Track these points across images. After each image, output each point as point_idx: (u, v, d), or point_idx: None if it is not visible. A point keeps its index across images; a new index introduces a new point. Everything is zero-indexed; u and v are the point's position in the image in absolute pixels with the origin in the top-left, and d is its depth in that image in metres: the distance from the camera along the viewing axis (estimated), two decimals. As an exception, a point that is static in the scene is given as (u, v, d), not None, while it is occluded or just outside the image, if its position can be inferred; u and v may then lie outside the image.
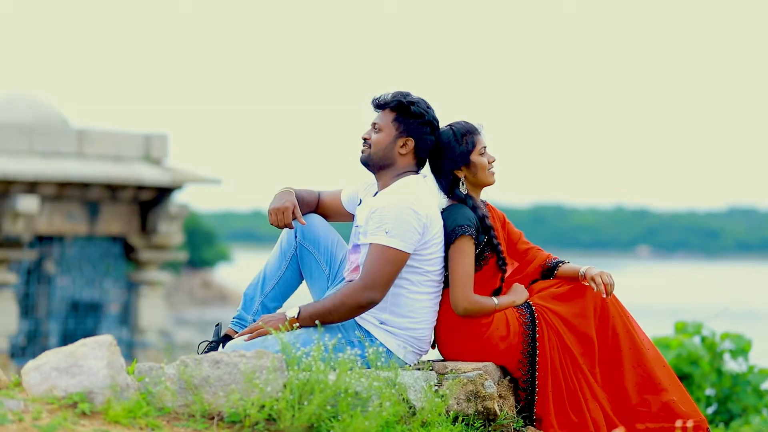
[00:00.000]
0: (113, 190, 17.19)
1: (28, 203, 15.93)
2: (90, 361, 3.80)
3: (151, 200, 17.62)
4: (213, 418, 4.00)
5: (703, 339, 8.07)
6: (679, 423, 4.68)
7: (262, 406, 3.97)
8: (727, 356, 8.07)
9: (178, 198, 18.11)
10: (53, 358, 3.86)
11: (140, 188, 17.37)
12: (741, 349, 8.02)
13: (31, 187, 16.34)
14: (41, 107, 17.53)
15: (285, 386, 4.03)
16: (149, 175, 17.12)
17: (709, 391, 7.98)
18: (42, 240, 17.15)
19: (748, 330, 8.51)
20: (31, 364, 3.89)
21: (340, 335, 4.60)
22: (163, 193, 17.58)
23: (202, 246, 42.89)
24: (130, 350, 17.14)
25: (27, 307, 17.17)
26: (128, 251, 17.84)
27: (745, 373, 7.95)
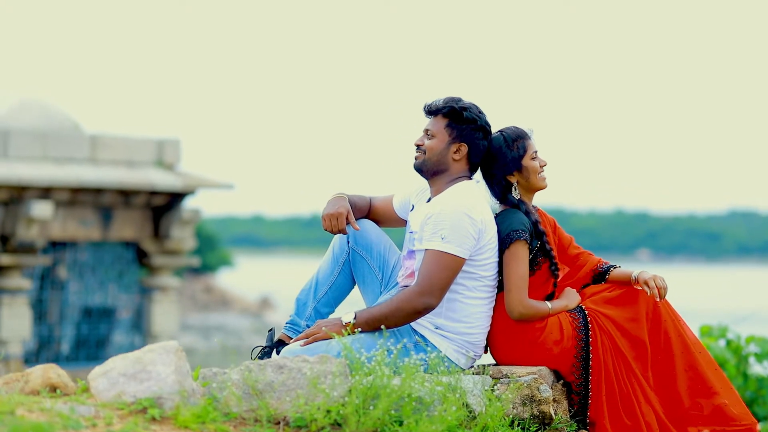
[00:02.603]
0: (126, 195, 17.21)
1: (41, 209, 15.95)
2: (158, 367, 3.82)
3: (163, 205, 17.63)
4: (279, 422, 4.02)
5: (729, 342, 8.07)
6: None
7: (328, 411, 3.99)
8: (752, 359, 8.07)
9: (189, 203, 18.14)
10: (120, 364, 3.88)
11: (153, 193, 17.38)
12: (766, 353, 8.02)
13: (45, 192, 16.36)
14: (54, 113, 17.55)
15: (350, 391, 4.05)
16: (162, 180, 17.14)
17: (734, 395, 7.98)
18: (55, 245, 17.16)
19: (764, 332, 8.52)
20: (98, 369, 3.92)
21: (405, 340, 4.62)
22: (175, 198, 17.59)
23: (205, 251, 42.82)
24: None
25: (40, 313, 17.17)
26: (141, 256, 17.86)
27: (770, 377, 7.96)
